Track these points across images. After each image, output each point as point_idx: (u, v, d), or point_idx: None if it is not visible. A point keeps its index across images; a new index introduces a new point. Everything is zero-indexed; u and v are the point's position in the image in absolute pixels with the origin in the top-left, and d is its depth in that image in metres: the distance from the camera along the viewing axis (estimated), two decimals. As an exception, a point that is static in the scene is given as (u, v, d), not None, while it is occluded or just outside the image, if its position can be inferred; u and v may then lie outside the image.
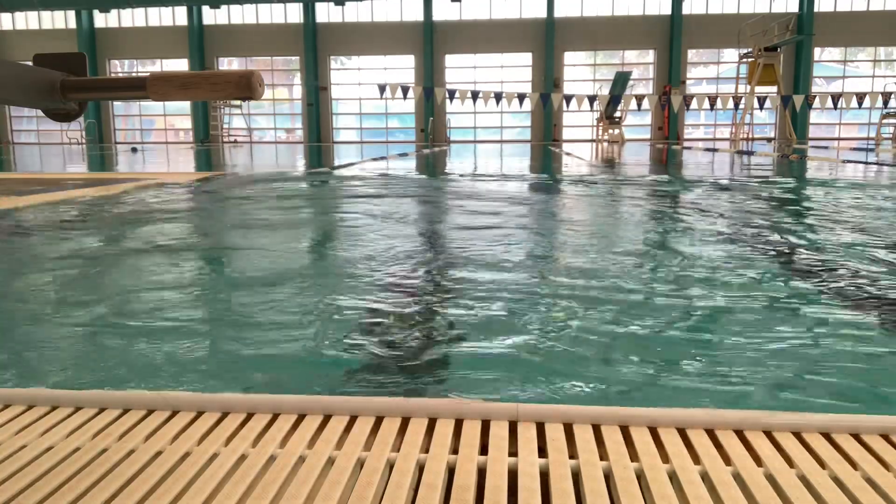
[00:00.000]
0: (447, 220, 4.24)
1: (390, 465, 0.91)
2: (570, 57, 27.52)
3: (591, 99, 20.48)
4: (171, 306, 2.04)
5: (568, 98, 20.36)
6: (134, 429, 1.02)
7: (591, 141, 25.76)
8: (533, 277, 2.37)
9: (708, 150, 16.49)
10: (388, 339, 1.71)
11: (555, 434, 0.98)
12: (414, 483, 0.87)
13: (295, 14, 27.79)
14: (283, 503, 0.82)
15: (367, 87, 27.85)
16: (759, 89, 20.41)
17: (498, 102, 20.01)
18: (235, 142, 26.55)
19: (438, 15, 27.27)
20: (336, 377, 1.47)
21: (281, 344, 1.67)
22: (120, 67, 29.70)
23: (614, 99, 21.36)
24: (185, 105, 29.10)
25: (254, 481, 0.87)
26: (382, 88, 20.33)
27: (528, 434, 0.98)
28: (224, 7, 27.24)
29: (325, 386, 1.42)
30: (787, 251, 2.92)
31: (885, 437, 0.97)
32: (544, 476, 0.88)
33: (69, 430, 1.01)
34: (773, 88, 20.38)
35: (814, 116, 26.36)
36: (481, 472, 0.89)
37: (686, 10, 26.36)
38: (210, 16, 28.23)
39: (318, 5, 27.32)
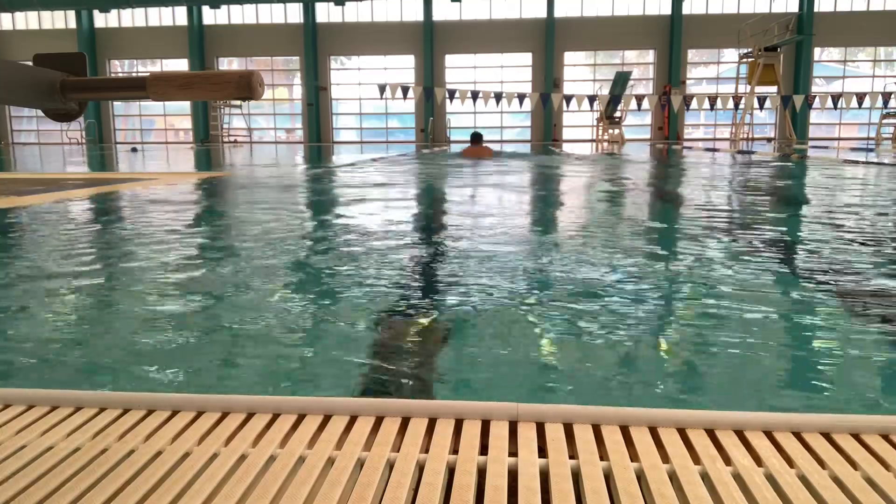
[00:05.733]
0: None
1: (390, 465, 0.91)
2: (570, 57, 27.52)
3: (591, 99, 20.49)
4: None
5: (568, 98, 20.38)
6: (134, 429, 1.02)
7: (591, 141, 25.77)
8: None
9: (708, 149, 16.50)
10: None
11: (555, 434, 0.98)
12: (414, 483, 0.87)
13: (295, 14, 27.80)
14: (283, 503, 0.82)
15: (367, 87, 27.86)
16: (759, 89, 20.42)
17: (498, 102, 20.02)
18: (235, 142, 26.56)
19: (438, 15, 27.27)
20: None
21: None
22: (120, 67, 29.71)
23: (614, 99, 21.37)
24: (185, 105, 29.11)
25: (254, 481, 0.87)
26: (382, 88, 20.34)
27: (528, 434, 0.98)
28: (224, 7, 27.25)
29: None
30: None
31: (885, 437, 0.97)
32: (544, 476, 0.88)
33: (69, 430, 1.01)
34: (773, 88, 20.39)
35: (814, 116, 26.37)
36: (481, 472, 0.89)
37: (686, 10, 26.37)
38: (210, 16, 28.24)
39: (318, 5, 27.33)
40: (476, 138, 13.32)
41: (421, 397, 1.35)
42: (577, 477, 0.88)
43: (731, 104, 20.79)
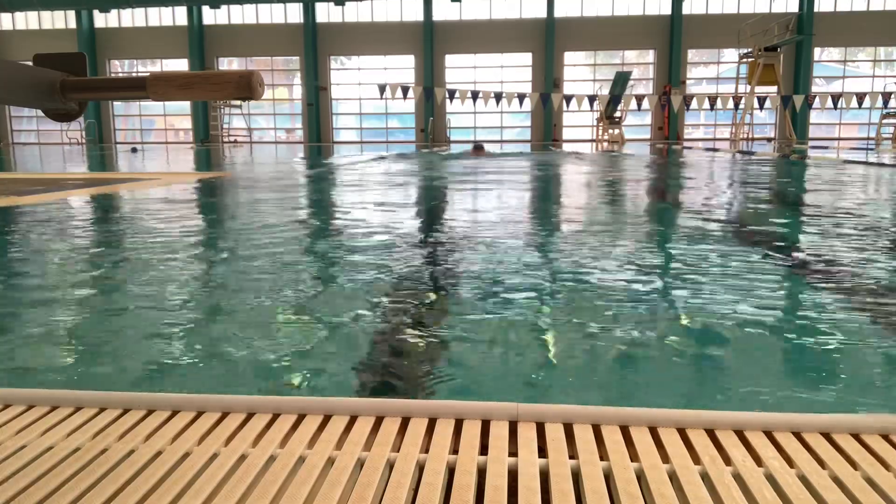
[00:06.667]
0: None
1: (390, 465, 0.91)
2: (570, 57, 27.51)
3: (591, 99, 20.48)
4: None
5: (568, 98, 20.36)
6: (134, 429, 1.02)
7: (591, 141, 25.77)
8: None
9: (708, 149, 16.49)
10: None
11: (555, 434, 0.98)
12: (414, 483, 0.87)
13: (295, 14, 27.78)
14: (282, 503, 0.82)
15: (367, 87, 27.84)
16: (759, 89, 20.40)
17: (498, 102, 20.01)
18: (235, 142, 26.55)
19: (438, 15, 27.26)
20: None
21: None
22: (120, 67, 29.69)
23: (614, 99, 21.36)
24: (185, 105, 29.09)
25: (254, 481, 0.87)
26: (382, 88, 20.32)
27: (528, 434, 0.98)
28: (224, 7, 27.22)
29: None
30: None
31: (885, 437, 0.97)
32: (544, 476, 0.88)
33: (69, 430, 1.01)
34: (773, 88, 20.37)
35: (814, 116, 26.35)
36: (481, 472, 0.89)
37: (686, 10, 26.35)
38: (210, 16, 28.22)
39: (318, 5, 27.31)
40: (477, 149, 13.34)
41: (421, 397, 1.35)
42: (577, 477, 0.88)
43: (731, 104, 20.77)
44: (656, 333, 1.73)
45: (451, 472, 0.90)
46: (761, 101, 20.07)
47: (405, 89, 20.84)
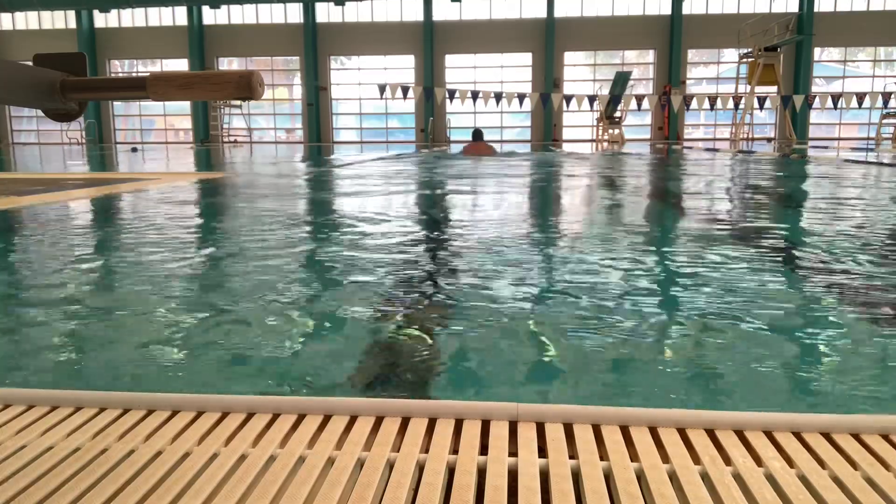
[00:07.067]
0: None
1: (390, 465, 0.91)
2: (570, 57, 27.52)
3: (591, 99, 20.48)
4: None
5: (568, 98, 20.37)
6: (134, 429, 1.02)
7: (591, 141, 25.77)
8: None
9: (708, 149, 16.50)
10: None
11: (555, 434, 0.98)
12: (414, 483, 0.87)
13: (295, 14, 27.80)
14: (282, 503, 0.82)
15: (367, 87, 27.86)
16: (759, 89, 20.41)
17: (498, 102, 20.01)
18: (235, 142, 26.55)
19: (438, 15, 27.27)
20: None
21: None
22: (120, 67, 29.70)
23: (614, 99, 21.36)
24: (185, 105, 29.11)
25: (254, 481, 0.87)
26: (382, 88, 20.33)
27: (528, 434, 0.98)
28: (224, 7, 27.24)
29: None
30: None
31: (885, 437, 0.97)
32: (544, 476, 0.88)
33: (69, 430, 1.01)
34: (773, 88, 20.38)
35: (814, 116, 26.36)
36: (481, 472, 0.89)
37: (686, 10, 26.37)
38: (210, 16, 28.23)
39: (318, 5, 27.32)
40: (477, 136, 13.27)
41: (421, 397, 1.35)
42: (577, 477, 0.88)
43: (731, 104, 20.78)
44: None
45: (451, 472, 0.90)
46: (761, 101, 20.08)
47: (405, 89, 20.85)
